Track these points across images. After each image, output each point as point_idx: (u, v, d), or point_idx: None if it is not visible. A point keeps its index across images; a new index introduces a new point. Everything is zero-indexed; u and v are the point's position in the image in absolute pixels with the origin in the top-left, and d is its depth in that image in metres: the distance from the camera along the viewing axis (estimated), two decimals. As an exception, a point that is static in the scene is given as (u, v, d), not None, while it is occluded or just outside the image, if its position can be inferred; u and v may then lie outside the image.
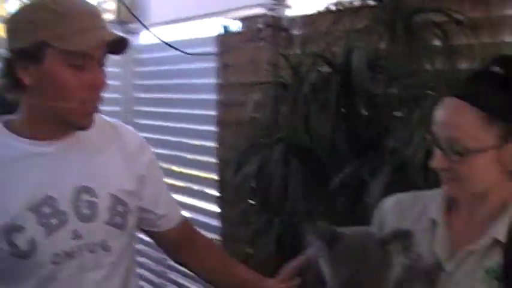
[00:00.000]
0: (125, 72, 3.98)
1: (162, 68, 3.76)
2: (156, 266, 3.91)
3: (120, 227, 1.46)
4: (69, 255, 1.38)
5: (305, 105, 2.20)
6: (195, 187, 3.46)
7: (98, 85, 1.36)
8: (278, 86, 2.34)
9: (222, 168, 3.13)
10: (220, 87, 3.13)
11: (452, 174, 1.18)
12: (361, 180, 2.11)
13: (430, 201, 1.33)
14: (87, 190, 1.40)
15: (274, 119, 2.38)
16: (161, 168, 1.64)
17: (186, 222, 1.68)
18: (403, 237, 1.17)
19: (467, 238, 1.23)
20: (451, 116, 1.17)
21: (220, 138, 3.16)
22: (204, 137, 3.31)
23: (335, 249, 1.16)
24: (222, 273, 1.67)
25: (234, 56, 3.01)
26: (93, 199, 1.41)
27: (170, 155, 3.60)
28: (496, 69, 1.18)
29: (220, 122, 3.15)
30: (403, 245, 1.16)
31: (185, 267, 1.74)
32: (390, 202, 1.41)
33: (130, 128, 1.61)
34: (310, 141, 2.23)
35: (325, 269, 1.19)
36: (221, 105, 3.13)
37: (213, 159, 3.18)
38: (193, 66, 3.34)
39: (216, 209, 3.12)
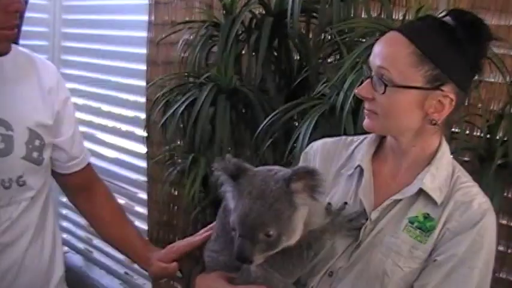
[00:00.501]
0: (53, 5, 3.80)
1: (92, 2, 3.61)
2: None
3: (37, 162, 1.42)
4: None
5: (236, 46, 2.17)
6: (123, 127, 3.38)
7: (14, 8, 1.28)
8: (210, 25, 2.29)
9: (150, 108, 3.08)
10: (152, 25, 3.03)
11: (374, 107, 1.18)
12: (290, 124, 2.14)
13: (357, 148, 1.34)
14: (2, 123, 1.34)
15: (205, 59, 2.33)
16: (90, 107, 1.59)
17: (90, 167, 1.65)
18: (309, 176, 1.12)
19: (392, 187, 1.25)
20: (386, 47, 1.17)
21: (149, 77, 3.09)
22: (134, 76, 3.23)
23: (239, 183, 1.14)
24: (113, 228, 1.64)
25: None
26: (9, 132, 1.35)
27: (98, 94, 3.51)
28: (448, 19, 1.18)
29: (150, 60, 3.07)
30: (308, 184, 1.12)
31: (80, 212, 1.70)
32: (317, 145, 1.41)
33: (49, 63, 1.56)
34: (240, 82, 2.22)
35: (230, 203, 1.18)
36: (152, 43, 3.04)
37: (142, 99, 3.11)
38: (124, 2, 3.21)
39: (143, 149, 3.07)
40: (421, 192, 1.20)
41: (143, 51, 3.07)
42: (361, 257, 1.22)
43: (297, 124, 2.16)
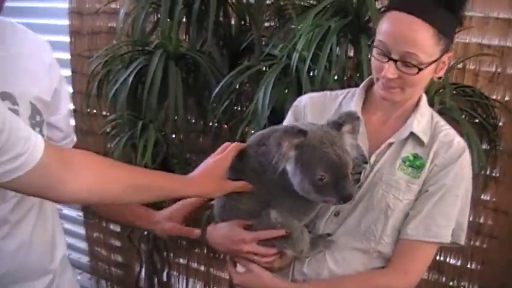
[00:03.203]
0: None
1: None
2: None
3: None
4: None
5: (179, 14, 2.22)
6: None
7: None
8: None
9: (77, 80, 3.05)
10: (73, -5, 2.99)
11: (400, 83, 1.30)
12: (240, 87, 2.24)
13: (345, 100, 1.47)
14: (8, 96, 1.31)
15: (148, 28, 2.36)
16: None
17: (76, 145, 1.61)
18: (354, 118, 1.28)
19: (383, 133, 1.40)
20: (407, 32, 1.24)
21: (73, 49, 3.06)
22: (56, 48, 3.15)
23: (306, 141, 1.22)
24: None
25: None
26: (15, 107, 1.31)
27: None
28: None
29: (73, 31, 3.03)
30: (352, 126, 1.28)
31: None
32: (305, 99, 1.52)
33: (45, 40, 1.52)
34: (187, 49, 2.28)
35: (299, 164, 1.23)
36: (74, 14, 3.00)
37: (67, 72, 3.06)
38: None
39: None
40: (410, 135, 1.37)
41: (65, 22, 3.01)
42: (364, 196, 1.37)
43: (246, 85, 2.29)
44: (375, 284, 1.37)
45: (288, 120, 1.51)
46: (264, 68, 2.06)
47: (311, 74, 1.89)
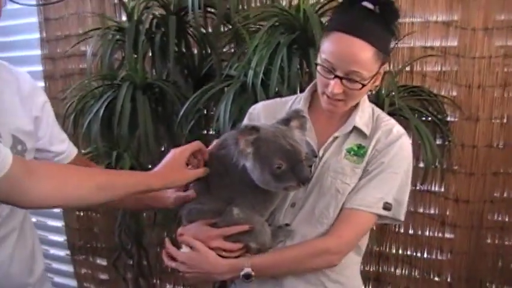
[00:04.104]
0: None
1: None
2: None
3: None
4: None
5: (142, 48, 2.36)
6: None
7: None
8: (115, 30, 2.46)
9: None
10: (45, 42, 3.13)
11: (344, 96, 1.45)
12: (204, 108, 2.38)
13: (294, 104, 1.62)
14: None
15: (114, 63, 2.50)
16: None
17: (80, 156, 1.75)
18: (300, 116, 1.42)
19: (329, 129, 1.55)
20: (350, 53, 1.37)
21: (49, 92, 3.18)
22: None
23: (261, 136, 1.35)
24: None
25: (56, 10, 3.05)
26: None
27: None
28: (369, 5, 1.40)
29: (47, 76, 3.17)
30: (299, 122, 1.42)
31: None
32: (259, 107, 1.67)
33: (23, 71, 1.63)
34: (153, 79, 2.42)
35: (257, 157, 1.35)
36: (47, 59, 3.14)
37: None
38: (14, 22, 3.24)
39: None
40: (353, 129, 1.52)
41: (39, 68, 3.15)
42: (315, 185, 1.51)
43: (210, 107, 2.42)
44: (313, 246, 1.47)
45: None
46: (225, 89, 2.20)
47: (267, 87, 2.03)
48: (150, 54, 2.45)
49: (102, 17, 2.77)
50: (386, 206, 1.48)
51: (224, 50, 2.44)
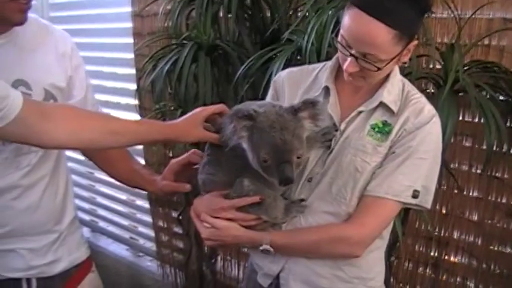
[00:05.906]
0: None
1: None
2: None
3: None
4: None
5: (212, 7, 2.36)
6: (115, 99, 3.57)
7: None
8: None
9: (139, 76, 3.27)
10: (135, 0, 3.23)
11: (362, 74, 1.37)
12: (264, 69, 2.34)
13: (320, 72, 1.55)
14: (24, 83, 1.55)
15: (186, 23, 2.53)
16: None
17: None
18: (311, 105, 1.34)
19: (354, 102, 1.47)
20: (366, 35, 1.27)
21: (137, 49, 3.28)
22: (122, 50, 3.42)
23: (254, 125, 1.32)
24: (120, 163, 1.83)
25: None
26: (28, 91, 1.55)
27: (89, 70, 3.66)
28: None
29: (136, 33, 3.27)
30: (311, 113, 1.34)
31: (87, 156, 1.88)
32: (284, 74, 1.62)
33: (66, 33, 1.75)
34: (218, 39, 2.42)
35: (250, 144, 1.34)
36: (136, 17, 3.23)
37: (132, 70, 3.30)
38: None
39: (135, 116, 3.26)
40: (379, 104, 1.43)
41: (129, 25, 3.25)
42: (334, 161, 1.45)
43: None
44: (332, 233, 1.43)
45: (269, 94, 1.62)
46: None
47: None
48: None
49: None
50: (415, 194, 1.39)
51: (291, 13, 2.37)
